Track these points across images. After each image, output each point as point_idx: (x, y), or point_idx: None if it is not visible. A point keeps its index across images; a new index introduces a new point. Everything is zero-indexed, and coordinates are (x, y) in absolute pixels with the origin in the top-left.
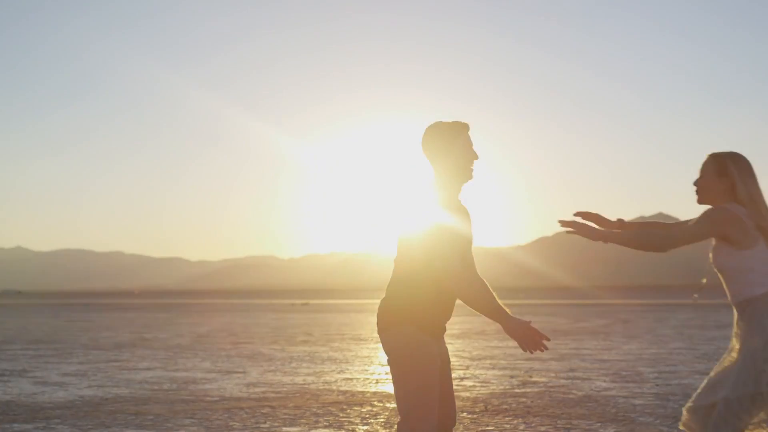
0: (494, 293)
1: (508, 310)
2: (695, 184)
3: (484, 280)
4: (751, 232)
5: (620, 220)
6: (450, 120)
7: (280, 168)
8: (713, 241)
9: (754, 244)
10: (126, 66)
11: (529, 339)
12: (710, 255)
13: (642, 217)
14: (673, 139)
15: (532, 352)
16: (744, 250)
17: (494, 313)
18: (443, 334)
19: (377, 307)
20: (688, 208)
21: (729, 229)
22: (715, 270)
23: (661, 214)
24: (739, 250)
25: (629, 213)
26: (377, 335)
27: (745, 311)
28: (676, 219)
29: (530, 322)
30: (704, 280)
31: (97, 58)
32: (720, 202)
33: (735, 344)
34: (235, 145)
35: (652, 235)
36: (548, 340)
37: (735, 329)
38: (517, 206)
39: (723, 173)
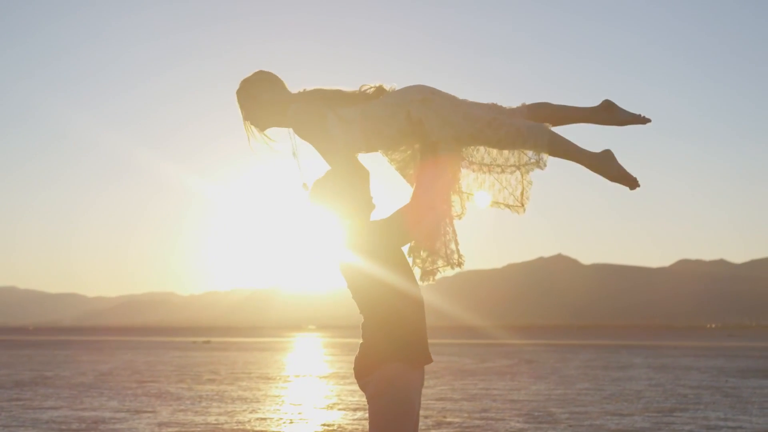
0: None
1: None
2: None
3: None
4: None
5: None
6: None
7: (179, 204)
8: None
9: None
10: (25, 101)
11: None
12: None
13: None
14: None
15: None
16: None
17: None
18: (427, 360)
19: (355, 356)
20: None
21: None
22: None
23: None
24: None
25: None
26: (356, 381)
27: None
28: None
29: None
30: None
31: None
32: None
33: None
34: (132, 181)
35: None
36: None
37: None
38: None
39: (243, 105)
